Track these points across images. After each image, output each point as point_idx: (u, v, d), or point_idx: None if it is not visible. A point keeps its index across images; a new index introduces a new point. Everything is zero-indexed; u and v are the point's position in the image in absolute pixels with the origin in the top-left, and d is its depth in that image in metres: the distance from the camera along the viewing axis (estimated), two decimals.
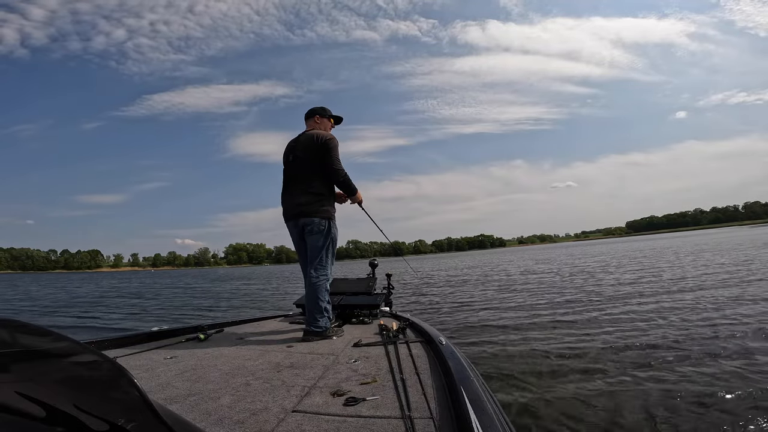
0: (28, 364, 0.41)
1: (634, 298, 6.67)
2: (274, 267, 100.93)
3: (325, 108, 2.88)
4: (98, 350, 0.45)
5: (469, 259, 40.67)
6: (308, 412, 1.21)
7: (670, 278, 9.00)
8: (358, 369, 1.67)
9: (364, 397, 1.28)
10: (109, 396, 0.43)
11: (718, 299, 5.85)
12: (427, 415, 1.14)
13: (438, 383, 1.42)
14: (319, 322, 2.42)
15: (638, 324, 4.67)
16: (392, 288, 3.65)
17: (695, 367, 3.07)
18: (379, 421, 1.12)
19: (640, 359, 3.35)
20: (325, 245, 2.57)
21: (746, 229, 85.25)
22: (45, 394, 0.40)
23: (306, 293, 2.57)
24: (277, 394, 1.37)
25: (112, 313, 9.64)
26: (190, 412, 1.22)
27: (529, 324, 5.15)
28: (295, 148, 2.69)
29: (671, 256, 16.91)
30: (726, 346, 3.51)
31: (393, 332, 2.24)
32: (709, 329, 4.15)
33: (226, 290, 16.32)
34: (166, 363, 1.83)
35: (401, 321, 2.66)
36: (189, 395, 1.37)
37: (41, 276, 72.03)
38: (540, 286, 9.68)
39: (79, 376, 0.43)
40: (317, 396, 1.35)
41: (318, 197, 2.58)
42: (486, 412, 1.03)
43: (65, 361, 0.43)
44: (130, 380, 0.43)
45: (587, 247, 49.20)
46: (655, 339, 3.95)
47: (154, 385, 1.48)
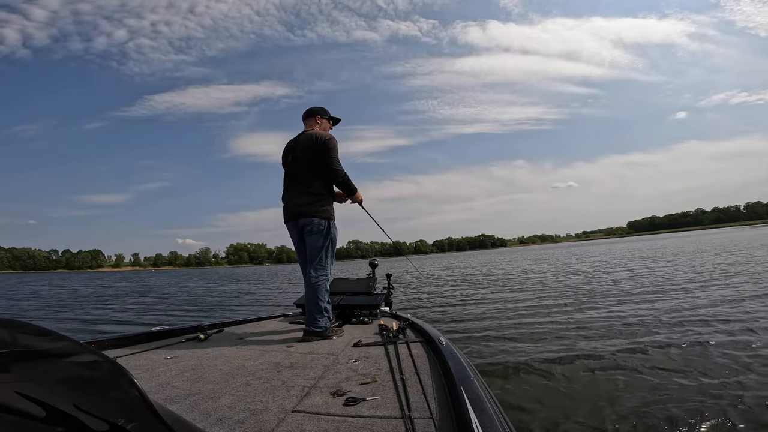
0: (28, 364, 0.41)
1: (635, 298, 6.65)
2: (275, 267, 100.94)
3: (325, 109, 2.88)
4: (98, 350, 0.45)
5: (470, 259, 40.64)
6: (308, 412, 1.21)
7: (669, 278, 8.99)
8: (358, 369, 1.67)
9: (364, 397, 1.28)
10: (109, 396, 0.43)
11: (732, 302, 5.81)
12: (427, 415, 1.14)
13: (438, 383, 1.42)
14: (319, 322, 2.42)
15: (639, 324, 4.65)
16: (392, 288, 3.65)
17: (699, 368, 3.06)
18: (379, 421, 1.12)
19: (641, 359, 3.34)
20: (324, 245, 2.57)
21: (748, 229, 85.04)
22: (45, 394, 0.40)
23: (306, 293, 2.57)
24: (277, 394, 1.37)
25: (112, 313, 9.65)
26: (190, 412, 1.22)
27: (530, 324, 5.14)
28: (294, 148, 2.68)
29: (669, 255, 16.89)
30: (745, 347, 3.48)
31: (393, 332, 2.24)
32: (726, 334, 4.01)
33: (226, 290, 16.32)
34: (166, 363, 1.83)
35: (401, 321, 2.66)
36: (189, 395, 1.37)
37: (43, 276, 72.09)
38: (540, 286, 9.67)
39: (79, 376, 0.44)
40: (317, 396, 1.34)
41: (317, 197, 2.58)
42: (486, 412, 1.03)
43: (65, 361, 0.43)
44: (130, 380, 0.43)
45: (589, 247, 49.13)
46: (655, 339, 3.94)
47: (154, 385, 1.48)
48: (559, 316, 5.57)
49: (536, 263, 20.32)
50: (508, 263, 22.99)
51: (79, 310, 10.52)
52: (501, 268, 18.88)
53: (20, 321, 0.42)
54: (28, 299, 14.63)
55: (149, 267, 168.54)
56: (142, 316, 8.81)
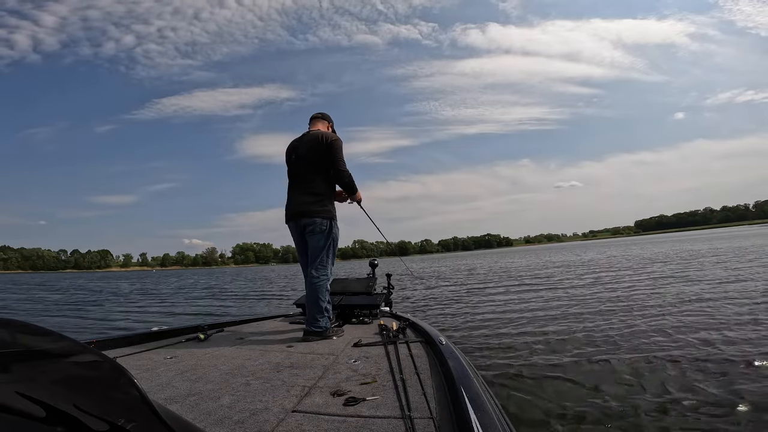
0: (28, 364, 0.41)
1: (637, 298, 6.58)
2: (281, 267, 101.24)
3: (332, 118, 2.92)
4: (98, 350, 0.45)
5: (472, 259, 40.39)
6: (308, 412, 1.21)
7: (666, 278, 8.86)
8: (358, 369, 1.67)
9: (364, 397, 1.28)
10: (109, 396, 0.43)
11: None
12: (427, 415, 1.14)
13: (438, 383, 1.42)
14: (320, 322, 2.42)
15: (640, 324, 4.60)
16: (392, 288, 3.65)
17: (700, 371, 3.02)
18: (379, 421, 1.12)
19: (642, 360, 3.31)
20: (326, 245, 2.57)
21: (756, 228, 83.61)
22: (45, 394, 0.40)
23: (306, 293, 2.57)
24: (277, 394, 1.38)
25: (112, 312, 9.75)
26: (190, 412, 1.22)
27: (530, 324, 5.11)
28: (298, 147, 2.68)
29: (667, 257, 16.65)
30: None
31: (393, 332, 2.24)
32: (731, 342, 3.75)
33: (229, 290, 16.41)
34: (166, 363, 1.84)
35: (401, 321, 2.66)
36: (189, 395, 1.38)
37: (51, 276, 72.96)
38: (541, 286, 9.60)
39: (79, 376, 0.44)
40: (317, 396, 1.35)
41: (319, 197, 2.58)
42: (486, 412, 1.03)
43: (65, 361, 0.43)
44: (130, 380, 0.43)
45: (595, 247, 48.62)
46: (657, 339, 3.90)
47: (154, 385, 1.48)
48: (560, 316, 5.52)
49: (539, 263, 20.16)
50: (509, 263, 22.83)
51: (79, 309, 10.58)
52: (500, 268, 18.77)
53: (21, 321, 0.42)
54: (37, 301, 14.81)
55: (157, 267, 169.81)
56: (143, 316, 8.90)
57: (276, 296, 12.42)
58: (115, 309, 10.45)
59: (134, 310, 10.07)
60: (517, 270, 16.24)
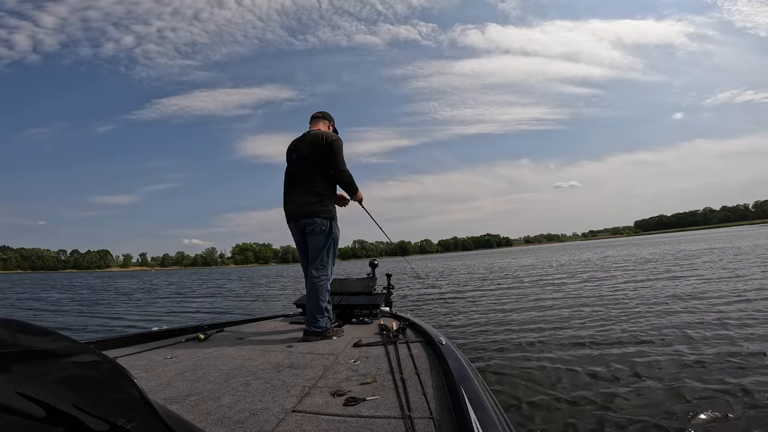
0: (28, 364, 0.41)
1: (638, 298, 6.58)
2: (280, 267, 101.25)
3: (333, 118, 2.92)
4: (98, 350, 0.45)
5: (471, 259, 40.40)
6: (308, 412, 1.21)
7: (665, 277, 8.87)
8: (358, 369, 1.67)
9: (364, 397, 1.28)
10: (109, 396, 0.43)
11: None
12: (427, 415, 1.14)
13: (438, 383, 1.42)
14: (320, 322, 2.43)
15: (641, 325, 4.60)
16: (392, 288, 3.65)
17: (702, 370, 3.02)
18: (379, 421, 1.12)
19: (643, 360, 3.31)
20: (326, 245, 2.57)
21: (756, 228, 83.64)
22: (45, 394, 0.41)
23: (307, 293, 2.58)
24: (277, 394, 1.38)
25: (112, 312, 9.75)
26: (190, 412, 1.22)
27: (530, 324, 5.11)
28: (299, 147, 2.68)
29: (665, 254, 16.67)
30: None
31: (393, 332, 2.25)
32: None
33: (229, 289, 16.41)
34: (166, 363, 1.84)
35: (401, 321, 2.66)
36: (189, 395, 1.38)
37: (51, 276, 72.93)
38: (541, 286, 9.60)
39: (79, 376, 0.44)
40: (317, 396, 1.35)
41: (320, 197, 2.58)
42: (486, 412, 1.03)
43: (65, 361, 0.43)
44: (130, 380, 0.43)
45: (595, 247, 48.63)
46: (657, 340, 3.90)
47: (154, 385, 1.48)
48: (560, 316, 5.52)
49: (539, 263, 20.17)
50: (509, 263, 22.83)
51: (80, 309, 10.61)
52: (500, 267, 18.78)
53: (21, 321, 0.42)
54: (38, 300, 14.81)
55: (157, 267, 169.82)
56: (143, 316, 8.89)
57: (276, 296, 12.43)
58: (115, 309, 10.45)
59: (134, 310, 10.07)
60: (516, 270, 16.25)
